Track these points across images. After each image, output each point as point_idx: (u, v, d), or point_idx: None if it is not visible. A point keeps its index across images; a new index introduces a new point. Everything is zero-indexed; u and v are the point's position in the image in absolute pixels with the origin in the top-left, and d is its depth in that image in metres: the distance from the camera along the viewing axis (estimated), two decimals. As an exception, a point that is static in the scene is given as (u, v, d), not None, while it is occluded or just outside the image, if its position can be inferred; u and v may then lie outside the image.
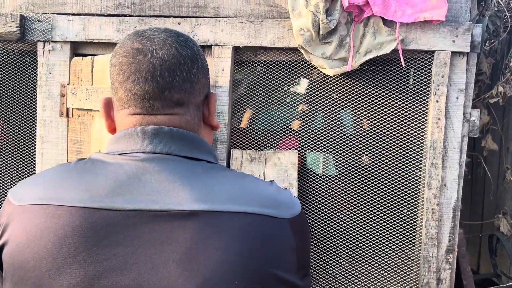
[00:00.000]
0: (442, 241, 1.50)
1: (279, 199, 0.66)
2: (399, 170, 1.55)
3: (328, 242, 1.59)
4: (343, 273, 1.59)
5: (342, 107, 1.58)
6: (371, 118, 1.56)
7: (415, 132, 1.53)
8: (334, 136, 1.57)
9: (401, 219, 1.56)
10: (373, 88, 1.54)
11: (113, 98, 0.72)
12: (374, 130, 1.56)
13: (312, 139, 1.58)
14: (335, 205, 1.60)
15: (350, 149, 1.58)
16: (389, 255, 1.56)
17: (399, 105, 1.53)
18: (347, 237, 1.59)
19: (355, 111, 1.58)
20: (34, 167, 1.67)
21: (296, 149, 1.58)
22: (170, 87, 0.67)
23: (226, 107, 1.52)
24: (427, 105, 1.50)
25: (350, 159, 1.60)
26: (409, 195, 1.55)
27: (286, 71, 1.58)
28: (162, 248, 0.58)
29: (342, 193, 1.60)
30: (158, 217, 0.59)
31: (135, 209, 0.59)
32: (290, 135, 1.60)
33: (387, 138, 1.55)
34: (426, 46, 1.45)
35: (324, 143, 1.58)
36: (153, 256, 0.57)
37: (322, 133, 1.58)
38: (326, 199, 1.60)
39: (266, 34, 1.50)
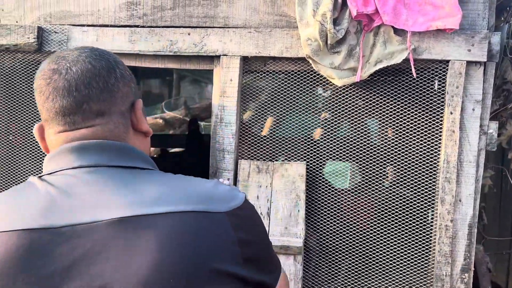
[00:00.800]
0: (456, 259, 1.43)
1: (214, 194, 0.67)
2: (413, 184, 1.49)
3: (338, 257, 1.55)
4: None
5: (350, 118, 1.54)
6: (382, 130, 1.52)
7: (429, 145, 1.47)
8: (345, 148, 1.53)
9: (415, 235, 1.50)
10: (384, 99, 1.50)
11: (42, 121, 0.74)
12: (385, 143, 1.51)
13: (328, 148, 1.55)
14: (346, 218, 1.55)
15: (361, 160, 1.54)
16: (403, 271, 1.50)
17: (412, 117, 1.48)
18: (359, 252, 1.54)
19: (364, 122, 1.53)
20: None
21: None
22: (87, 100, 0.69)
23: (233, 117, 1.51)
24: (441, 117, 1.44)
25: (361, 171, 1.55)
26: (423, 210, 1.49)
27: (297, 80, 1.55)
28: (96, 259, 0.58)
29: (353, 206, 1.55)
30: (90, 229, 0.60)
31: (67, 224, 0.60)
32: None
33: (400, 150, 1.50)
34: (440, 56, 1.39)
35: (339, 153, 1.54)
36: (89, 267, 0.58)
37: (332, 143, 1.54)
38: (336, 212, 1.55)
39: (274, 44, 1.48)
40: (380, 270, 1.52)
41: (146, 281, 0.57)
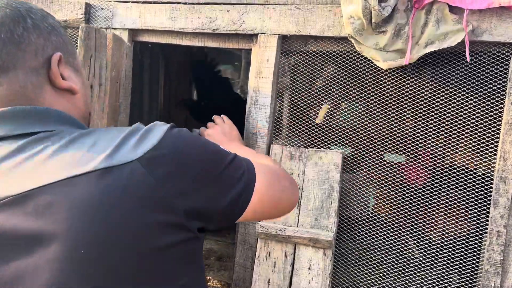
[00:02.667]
0: (508, 270, 1.26)
1: (123, 145, 0.60)
2: (465, 182, 1.33)
3: (373, 256, 1.43)
4: (388, 291, 1.42)
5: (396, 107, 1.41)
6: (431, 121, 1.36)
7: (486, 139, 1.30)
8: (388, 138, 1.40)
9: (464, 240, 1.34)
10: (434, 86, 1.34)
11: None
12: (434, 135, 1.36)
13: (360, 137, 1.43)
14: (387, 218, 1.43)
15: (405, 151, 1.40)
16: (445, 275, 1.36)
17: (468, 107, 1.31)
18: (396, 252, 1.42)
19: (412, 111, 1.39)
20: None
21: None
22: None
23: (268, 100, 1.44)
24: (502, 108, 1.26)
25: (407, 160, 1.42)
26: (474, 213, 1.33)
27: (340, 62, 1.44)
28: (1, 242, 0.54)
29: (395, 205, 1.43)
30: None
31: None
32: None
33: (451, 144, 1.34)
34: (504, 38, 1.21)
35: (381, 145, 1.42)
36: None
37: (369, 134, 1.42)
38: (373, 211, 1.44)
39: (315, 22, 1.38)
40: (419, 273, 1.39)
41: (64, 257, 0.52)
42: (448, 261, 1.35)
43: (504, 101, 1.24)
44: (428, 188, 1.39)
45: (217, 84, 3.27)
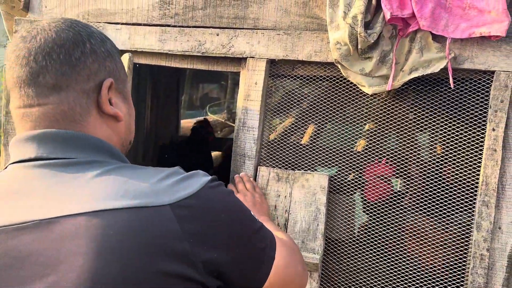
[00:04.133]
0: (492, 294, 1.28)
1: (161, 185, 0.59)
2: (448, 207, 1.36)
3: (359, 279, 1.44)
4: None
5: (385, 130, 1.43)
6: (412, 144, 1.39)
7: (467, 164, 1.33)
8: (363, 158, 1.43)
9: (448, 263, 1.36)
10: (417, 111, 1.38)
11: None
12: (417, 158, 1.39)
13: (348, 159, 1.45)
14: (371, 239, 1.44)
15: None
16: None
17: (450, 132, 1.35)
18: (382, 274, 1.42)
19: (397, 134, 1.42)
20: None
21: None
22: (44, 71, 0.63)
23: (256, 122, 1.46)
24: (483, 134, 1.30)
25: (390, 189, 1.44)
26: (458, 236, 1.35)
27: (326, 86, 1.47)
28: (23, 264, 0.53)
29: (377, 226, 1.44)
30: (16, 230, 0.55)
31: None
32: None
33: (435, 168, 1.37)
34: (484, 66, 1.26)
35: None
36: (18, 273, 0.53)
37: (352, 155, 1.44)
38: (360, 232, 1.45)
39: (303, 47, 1.41)
40: (404, 297, 1.40)
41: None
42: (432, 285, 1.36)
43: (486, 127, 1.28)
44: (408, 211, 1.41)
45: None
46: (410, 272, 1.39)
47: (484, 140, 1.28)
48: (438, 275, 1.37)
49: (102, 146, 0.67)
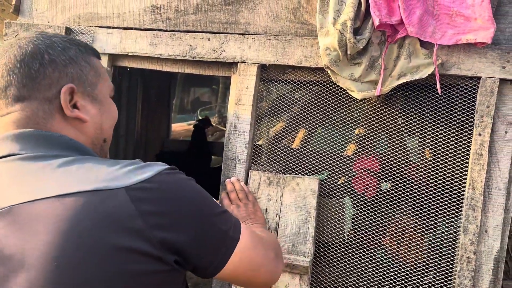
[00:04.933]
0: (479, 296, 1.30)
1: (115, 173, 0.65)
2: (436, 211, 1.38)
3: (349, 280, 1.45)
4: (363, 317, 1.44)
5: (376, 135, 1.45)
6: (403, 148, 1.41)
7: (455, 169, 1.35)
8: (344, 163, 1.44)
9: (436, 267, 1.38)
10: (407, 116, 1.40)
11: None
12: (406, 162, 1.41)
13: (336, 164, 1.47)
14: (360, 242, 1.46)
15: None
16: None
17: (437, 137, 1.37)
18: (371, 275, 1.44)
19: (388, 139, 1.44)
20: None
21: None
22: (9, 85, 0.71)
23: (247, 126, 1.47)
24: (470, 139, 1.32)
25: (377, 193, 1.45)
26: (447, 239, 1.37)
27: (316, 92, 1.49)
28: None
29: (368, 229, 1.46)
30: None
31: None
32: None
33: (423, 171, 1.39)
34: (470, 72, 1.28)
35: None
36: None
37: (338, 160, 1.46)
38: (350, 236, 1.46)
39: (293, 53, 1.43)
40: (393, 300, 1.41)
41: (38, 266, 0.57)
42: (420, 286, 1.38)
43: (472, 132, 1.30)
44: (396, 213, 1.43)
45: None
46: (398, 275, 1.40)
47: (470, 144, 1.30)
48: (426, 278, 1.38)
49: (68, 142, 0.73)
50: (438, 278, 1.37)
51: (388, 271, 1.42)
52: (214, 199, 0.79)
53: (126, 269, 0.61)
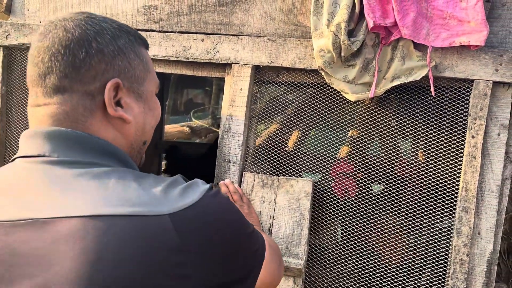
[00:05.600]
0: (472, 298, 1.30)
1: (158, 195, 0.57)
2: (431, 213, 1.38)
3: (343, 285, 1.45)
4: (357, 319, 1.43)
5: (369, 136, 1.45)
6: (397, 150, 1.41)
7: (449, 171, 1.35)
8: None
9: (429, 269, 1.38)
10: (401, 118, 1.40)
11: None
12: (395, 163, 1.41)
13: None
14: (353, 243, 1.46)
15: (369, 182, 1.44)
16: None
17: (431, 139, 1.37)
18: (364, 280, 1.44)
19: (382, 141, 1.44)
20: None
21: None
22: (49, 72, 0.64)
23: (241, 127, 1.46)
24: (463, 141, 1.33)
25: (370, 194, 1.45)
26: (440, 242, 1.37)
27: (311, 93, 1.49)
28: (15, 262, 0.53)
29: (361, 231, 1.46)
30: (13, 227, 0.55)
31: None
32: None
33: (416, 176, 1.39)
34: (464, 74, 1.29)
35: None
36: (9, 270, 0.53)
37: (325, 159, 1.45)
38: (343, 236, 1.46)
39: (287, 54, 1.42)
40: (387, 302, 1.41)
41: None
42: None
43: (466, 134, 1.30)
44: (388, 214, 1.43)
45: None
46: (391, 277, 1.40)
47: (464, 147, 1.31)
48: (419, 280, 1.38)
49: (105, 148, 0.65)
50: (431, 280, 1.37)
51: (381, 274, 1.42)
52: (243, 216, 0.74)
53: None
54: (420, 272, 1.39)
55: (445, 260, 1.36)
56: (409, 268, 1.40)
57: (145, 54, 0.76)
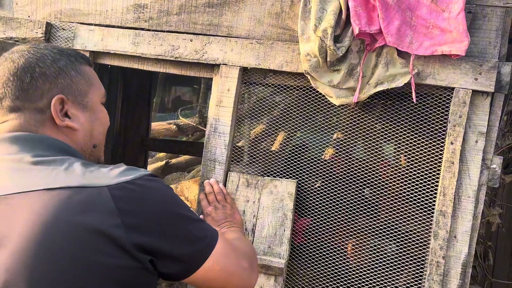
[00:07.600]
0: (447, 299, 1.34)
1: (100, 173, 0.71)
2: (408, 215, 1.42)
3: (324, 284, 1.48)
4: (336, 318, 1.47)
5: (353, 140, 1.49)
6: (379, 153, 1.45)
7: (428, 176, 1.39)
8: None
9: (407, 269, 1.42)
10: (383, 123, 1.44)
11: None
12: (378, 167, 1.45)
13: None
14: (333, 246, 1.49)
15: (350, 187, 1.48)
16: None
17: (412, 144, 1.41)
18: (344, 280, 1.47)
19: (365, 145, 1.47)
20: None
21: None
22: (3, 97, 0.78)
23: (228, 128, 1.48)
24: (442, 147, 1.37)
25: (351, 197, 1.49)
26: (417, 244, 1.41)
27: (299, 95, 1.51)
28: None
29: (341, 232, 1.49)
30: None
31: None
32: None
33: (397, 177, 1.43)
34: (445, 82, 1.33)
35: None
36: None
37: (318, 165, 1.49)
38: (323, 239, 1.49)
39: (275, 57, 1.45)
40: (365, 302, 1.45)
41: (20, 248, 0.63)
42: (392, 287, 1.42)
43: (445, 140, 1.34)
44: (371, 215, 1.47)
45: None
46: (370, 278, 1.44)
47: (443, 152, 1.35)
48: (397, 281, 1.42)
49: (61, 146, 0.79)
50: (408, 281, 1.41)
51: (360, 275, 1.45)
52: (192, 209, 0.83)
53: (100, 260, 0.65)
54: (397, 274, 1.43)
55: (422, 262, 1.40)
56: (387, 269, 1.43)
57: (87, 70, 0.90)
